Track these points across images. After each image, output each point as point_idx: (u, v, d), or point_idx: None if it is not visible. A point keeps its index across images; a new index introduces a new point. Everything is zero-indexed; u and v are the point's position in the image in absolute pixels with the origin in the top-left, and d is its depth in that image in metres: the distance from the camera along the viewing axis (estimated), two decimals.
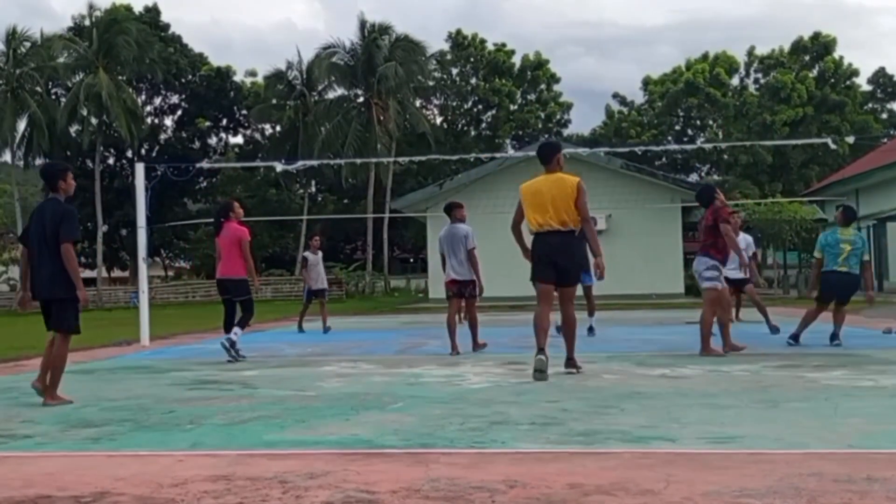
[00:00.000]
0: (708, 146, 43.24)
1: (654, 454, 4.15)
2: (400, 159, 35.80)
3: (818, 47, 48.61)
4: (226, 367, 8.86)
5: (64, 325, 6.40)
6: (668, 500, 3.31)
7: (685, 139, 48.73)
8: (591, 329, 11.65)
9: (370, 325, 17.34)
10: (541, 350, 7.10)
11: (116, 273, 52.20)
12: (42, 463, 4.36)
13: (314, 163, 28.67)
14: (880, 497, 3.29)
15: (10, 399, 6.92)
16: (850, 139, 26.62)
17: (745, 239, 12.97)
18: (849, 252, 9.57)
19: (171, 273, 51.97)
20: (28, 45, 40.26)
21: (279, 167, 19.38)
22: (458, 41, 49.98)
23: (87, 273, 50.59)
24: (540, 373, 7.01)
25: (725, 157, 48.21)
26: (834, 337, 9.69)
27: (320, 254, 15.15)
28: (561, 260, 7.25)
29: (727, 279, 10.47)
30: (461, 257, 9.79)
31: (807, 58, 49.03)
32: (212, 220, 11.04)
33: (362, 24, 39.79)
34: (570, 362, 7.52)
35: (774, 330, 11.40)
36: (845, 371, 7.31)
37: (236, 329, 9.45)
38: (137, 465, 4.23)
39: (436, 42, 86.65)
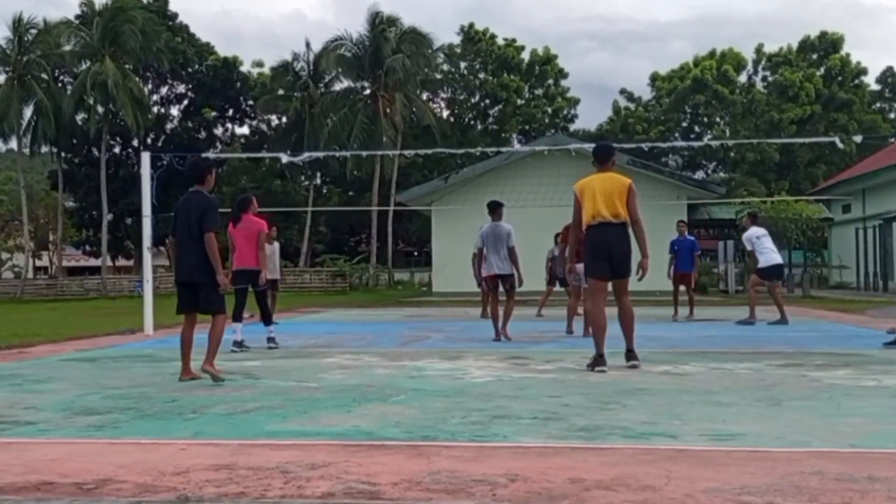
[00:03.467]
0: (715, 143, 43.10)
1: (656, 450, 4.15)
2: (405, 152, 35.73)
3: (826, 45, 48.45)
4: (229, 357, 8.87)
5: (213, 308, 7.07)
6: (668, 496, 3.31)
7: (692, 136, 48.58)
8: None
9: (373, 317, 17.35)
10: (601, 356, 7.30)
11: (121, 262, 52.28)
12: (44, 449, 4.37)
13: (320, 154, 28.58)
14: (881, 496, 3.28)
15: (13, 385, 6.94)
16: (858, 138, 26.34)
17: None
18: None
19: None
20: (34, 32, 40.18)
21: (285, 158, 19.36)
22: (470, 35, 49.89)
23: (92, 261, 50.85)
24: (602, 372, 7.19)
25: (732, 154, 48.07)
26: None
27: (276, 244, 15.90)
28: (615, 251, 7.46)
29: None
30: (503, 254, 10.56)
31: (814, 56, 48.86)
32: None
33: (371, 15, 39.70)
34: (631, 354, 7.57)
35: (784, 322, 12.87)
36: (848, 370, 7.30)
37: (270, 327, 10.15)
38: (140, 452, 4.24)
39: (445, 36, 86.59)
